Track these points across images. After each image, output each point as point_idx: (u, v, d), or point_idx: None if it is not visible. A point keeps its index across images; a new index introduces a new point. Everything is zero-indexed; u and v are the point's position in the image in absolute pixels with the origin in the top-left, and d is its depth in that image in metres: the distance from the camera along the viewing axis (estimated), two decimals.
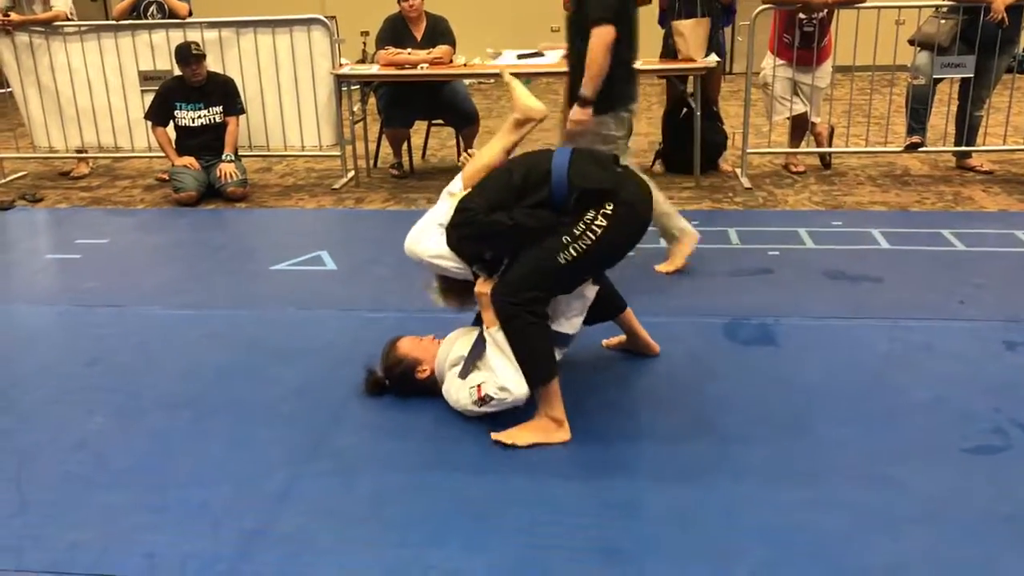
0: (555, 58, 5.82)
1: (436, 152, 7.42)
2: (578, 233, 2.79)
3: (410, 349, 3.18)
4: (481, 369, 2.95)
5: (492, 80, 10.80)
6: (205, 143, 6.19)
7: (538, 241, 2.83)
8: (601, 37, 3.81)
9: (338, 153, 6.57)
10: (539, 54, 5.92)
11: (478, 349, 2.96)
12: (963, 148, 6.34)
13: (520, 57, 5.98)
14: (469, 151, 3.25)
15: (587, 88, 3.92)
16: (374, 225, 5.55)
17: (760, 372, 3.37)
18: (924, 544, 2.39)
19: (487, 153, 3.09)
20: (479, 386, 2.90)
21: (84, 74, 6.61)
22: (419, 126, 6.97)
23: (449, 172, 6.72)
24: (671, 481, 2.68)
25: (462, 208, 2.93)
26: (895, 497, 2.59)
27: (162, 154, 6.34)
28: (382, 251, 4.93)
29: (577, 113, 3.98)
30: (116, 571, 2.35)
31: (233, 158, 6.19)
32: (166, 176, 6.40)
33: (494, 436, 2.87)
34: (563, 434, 2.89)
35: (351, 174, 6.53)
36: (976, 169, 6.32)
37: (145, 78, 6.57)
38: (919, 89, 6.16)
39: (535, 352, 2.87)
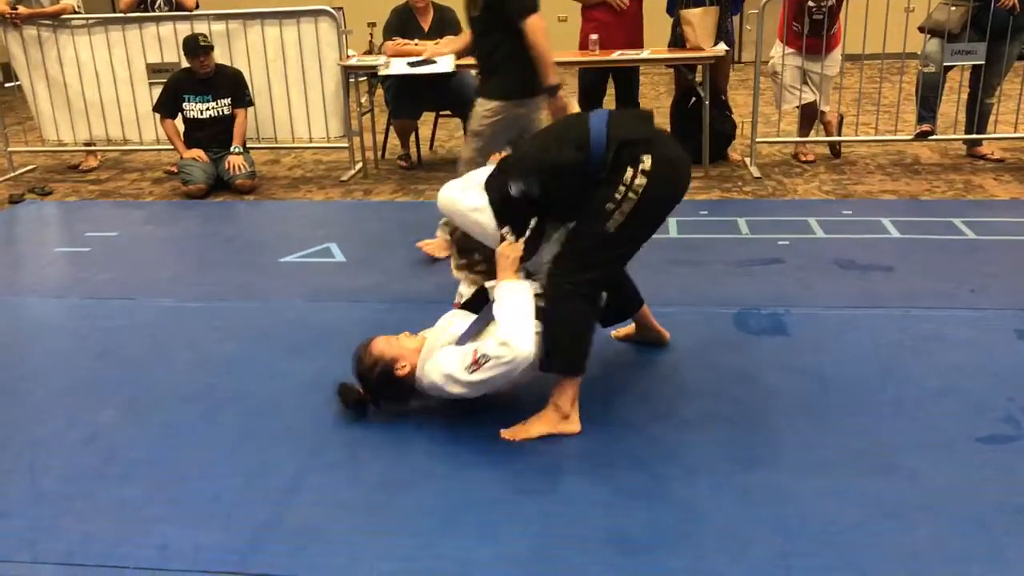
0: (447, 65, 5.81)
1: (444, 143, 7.41)
2: (620, 197, 2.70)
3: (385, 348, 2.95)
4: (482, 339, 2.83)
5: None
6: (213, 135, 6.20)
7: (581, 213, 2.80)
8: (536, 26, 4.13)
9: (346, 145, 6.57)
10: (431, 61, 5.89)
11: (480, 323, 2.86)
12: (974, 136, 6.30)
13: (411, 65, 5.92)
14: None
15: (551, 78, 4.20)
16: (382, 216, 5.55)
17: (770, 362, 3.36)
18: (934, 534, 2.38)
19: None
20: (475, 349, 2.75)
21: (92, 67, 6.62)
22: (427, 117, 6.97)
23: (456, 163, 6.73)
24: (683, 471, 2.67)
25: (504, 156, 2.99)
26: (906, 487, 2.58)
27: (171, 147, 6.35)
28: (391, 242, 4.94)
29: (559, 101, 4.24)
30: (129, 563, 2.37)
31: (242, 150, 6.19)
32: (175, 169, 6.41)
33: (503, 434, 2.85)
34: (573, 426, 2.88)
35: (359, 166, 6.53)
36: (987, 157, 6.28)
37: (153, 71, 6.58)
38: (929, 77, 6.12)
39: (577, 340, 2.81)
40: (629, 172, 2.72)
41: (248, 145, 6.37)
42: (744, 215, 5.17)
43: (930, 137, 6.25)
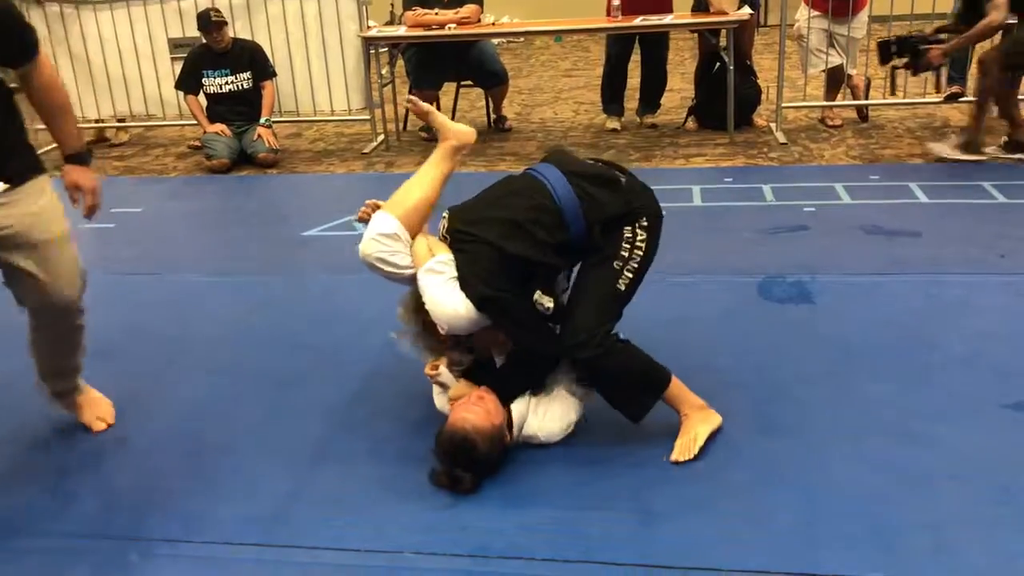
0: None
1: (466, 113, 7.37)
2: (627, 255, 2.61)
3: (477, 420, 2.53)
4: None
5: (521, 39, 10.71)
6: (235, 109, 6.20)
7: (586, 275, 2.66)
8: None
9: (367, 117, 6.55)
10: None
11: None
12: None
13: None
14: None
15: None
16: None
17: (795, 330, 3.33)
18: (960, 502, 2.36)
19: (421, 185, 2.76)
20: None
21: (115, 43, 6.63)
22: (448, 88, 6.93)
23: (479, 134, 6.69)
24: (706, 441, 2.66)
25: (489, 297, 2.54)
26: (931, 455, 2.56)
27: (194, 122, 6.36)
28: None
29: None
30: (154, 534, 2.40)
31: (270, 122, 6.20)
32: (198, 144, 6.43)
33: (677, 459, 2.60)
34: (716, 415, 2.72)
35: (381, 138, 6.52)
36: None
37: (175, 46, 6.57)
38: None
39: (643, 366, 2.65)
40: (628, 231, 2.64)
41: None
42: (769, 182, 5.11)
43: (960, 99, 6.12)
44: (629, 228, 2.64)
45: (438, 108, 6.75)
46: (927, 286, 3.63)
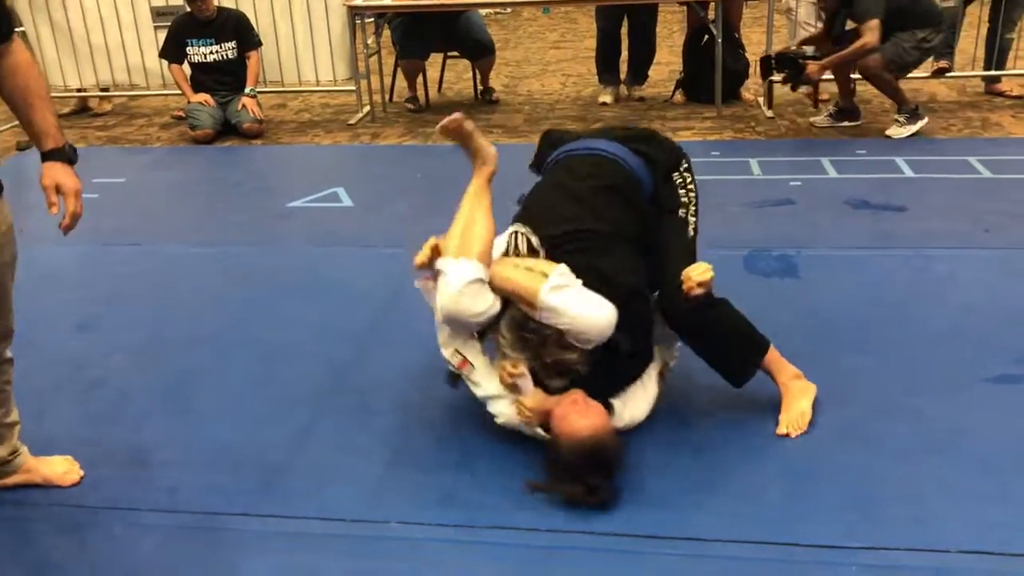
0: None
1: (453, 85, 7.32)
2: (687, 200, 2.65)
3: (601, 422, 2.37)
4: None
5: (509, 10, 10.63)
6: (219, 79, 6.14)
7: (661, 233, 2.61)
8: None
9: (353, 88, 6.49)
10: None
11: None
12: (992, 73, 6.18)
13: None
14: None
15: None
16: (391, 161, 5.51)
17: (781, 303, 3.34)
18: (941, 474, 2.38)
19: (480, 218, 2.52)
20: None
21: (96, 11, 6.53)
22: (435, 59, 6.88)
23: (465, 106, 6.68)
24: (692, 415, 2.67)
25: (638, 289, 2.45)
26: (914, 427, 2.58)
27: (178, 91, 6.29)
28: (399, 187, 4.91)
29: None
30: (139, 505, 2.40)
31: (255, 93, 6.15)
32: (182, 114, 6.36)
33: (791, 434, 2.56)
34: (812, 385, 2.68)
35: (366, 109, 6.47)
36: (1005, 94, 6.16)
37: (157, 14, 6.49)
38: (948, 11, 5.97)
39: (745, 324, 2.60)
40: (677, 176, 2.68)
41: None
42: (756, 156, 5.11)
43: (947, 74, 6.13)
44: (677, 174, 2.68)
45: (424, 79, 6.71)
46: (912, 260, 3.65)
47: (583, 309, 2.31)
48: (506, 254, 2.54)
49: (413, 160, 5.43)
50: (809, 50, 5.48)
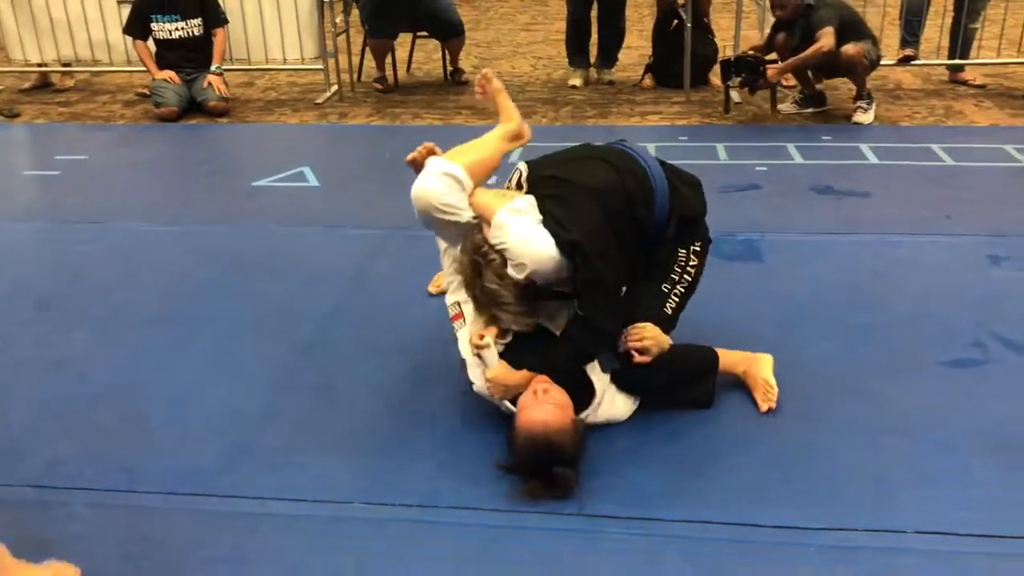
0: None
1: (422, 66, 7.27)
2: (676, 278, 2.61)
3: (556, 418, 2.32)
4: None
5: None
6: (185, 56, 6.05)
7: (634, 289, 2.61)
8: None
9: (321, 67, 6.43)
10: None
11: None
12: (956, 62, 6.24)
13: None
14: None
15: None
16: (358, 141, 5.47)
17: (745, 287, 3.36)
18: (901, 456, 2.41)
19: (484, 146, 2.65)
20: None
21: None
22: (404, 39, 6.82)
23: (435, 87, 6.64)
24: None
25: (579, 243, 2.36)
26: (875, 410, 2.61)
27: (142, 68, 6.19)
28: (366, 167, 4.87)
29: None
30: (98, 484, 2.37)
31: (221, 70, 6.06)
32: (147, 91, 6.26)
33: (765, 410, 2.60)
34: (766, 356, 2.73)
35: (334, 88, 6.41)
36: (969, 83, 6.23)
37: None
38: (914, 0, 6.02)
39: (688, 357, 2.62)
40: (683, 252, 2.62)
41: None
42: (723, 140, 5.13)
43: (912, 62, 6.18)
44: (684, 250, 2.62)
45: (393, 59, 6.66)
46: (875, 246, 3.68)
47: (525, 234, 2.33)
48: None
49: (381, 140, 5.39)
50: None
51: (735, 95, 5.90)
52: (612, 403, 2.54)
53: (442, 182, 2.44)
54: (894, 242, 3.71)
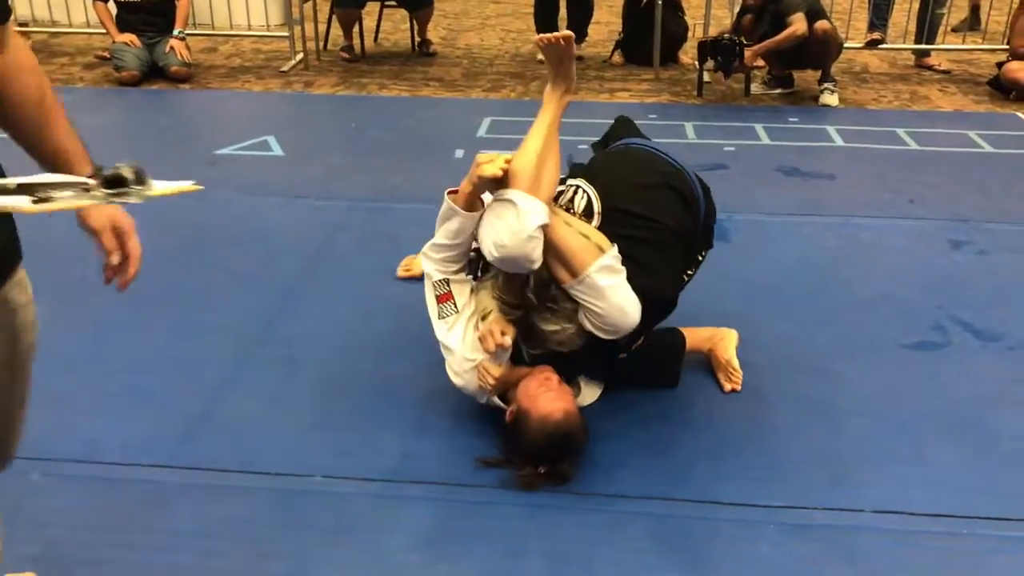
0: None
1: (389, 35, 7.19)
2: (693, 272, 2.58)
3: (571, 405, 2.30)
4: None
5: None
6: (146, 19, 5.91)
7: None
8: None
9: (286, 34, 6.32)
10: None
11: None
12: (923, 47, 6.29)
13: None
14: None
15: None
16: (323, 110, 5.40)
17: (709, 267, 3.33)
18: (858, 436, 2.45)
19: (551, 156, 2.28)
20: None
21: None
22: (371, 8, 6.73)
23: (402, 57, 6.56)
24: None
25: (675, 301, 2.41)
26: (835, 391, 2.64)
27: (102, 30, 6.05)
28: (331, 137, 4.82)
29: None
30: (58, 454, 2.33)
31: (184, 35, 5.94)
32: (107, 54, 6.13)
33: (730, 390, 2.62)
34: (730, 332, 2.73)
35: (300, 56, 6.31)
36: (934, 68, 6.29)
37: None
38: None
39: (662, 346, 2.62)
40: (704, 254, 2.60)
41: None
42: (692, 120, 5.13)
43: (880, 46, 6.22)
44: (705, 252, 2.60)
45: (360, 28, 6.58)
46: (839, 227, 3.72)
47: (621, 302, 2.18)
48: (556, 200, 2.34)
49: (347, 110, 5.32)
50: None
51: (705, 74, 5.91)
52: (586, 390, 2.53)
53: (538, 238, 2.15)
54: (858, 224, 3.74)
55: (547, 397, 2.26)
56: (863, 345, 2.87)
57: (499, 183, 2.21)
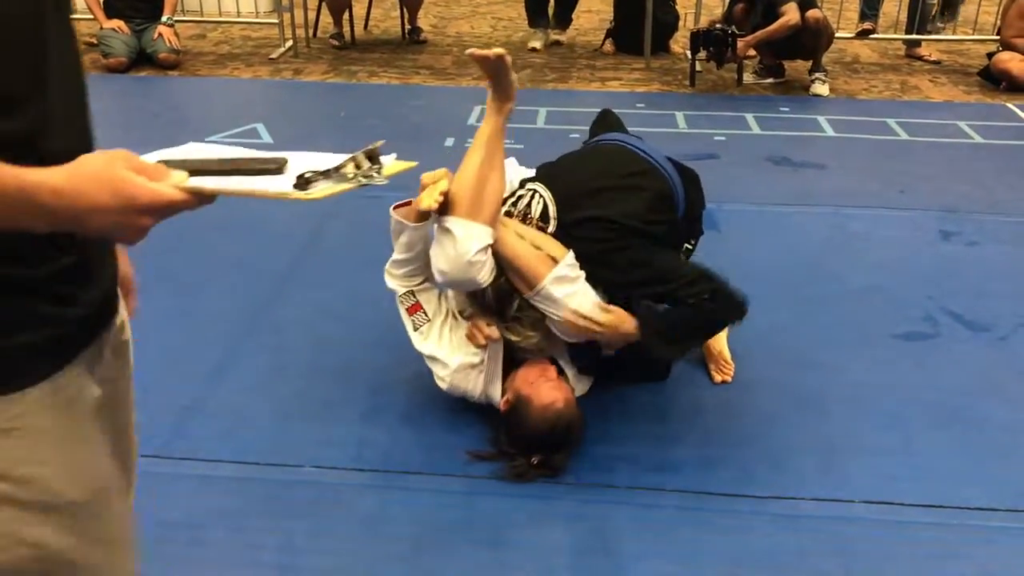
0: None
1: (379, 23, 7.15)
2: (690, 247, 2.56)
3: (570, 396, 2.32)
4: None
5: None
6: (134, 5, 5.87)
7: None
8: None
9: (276, 21, 6.29)
10: None
11: None
12: (913, 37, 6.29)
13: None
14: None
15: None
16: (313, 98, 5.37)
17: (700, 258, 3.35)
18: (848, 426, 2.45)
19: (494, 175, 2.22)
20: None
21: None
22: None
23: (392, 45, 6.53)
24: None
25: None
26: (825, 381, 2.64)
27: (90, 16, 6.00)
28: (321, 125, 4.79)
29: None
30: None
31: (172, 22, 5.90)
32: (94, 40, 6.07)
33: (721, 381, 2.61)
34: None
35: (289, 44, 6.28)
36: (924, 59, 6.29)
37: None
38: None
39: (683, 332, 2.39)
40: (693, 244, 2.57)
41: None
42: (682, 109, 5.13)
43: (871, 36, 6.22)
44: (688, 246, 2.56)
45: (350, 16, 6.54)
46: (830, 218, 3.72)
47: (578, 308, 2.17)
48: (510, 211, 2.33)
49: (336, 98, 5.30)
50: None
51: (699, 66, 5.90)
52: (576, 384, 2.48)
53: (480, 263, 2.13)
54: (848, 215, 3.75)
55: (548, 386, 2.26)
56: (853, 336, 2.87)
57: (441, 208, 2.17)
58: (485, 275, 2.15)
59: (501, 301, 2.24)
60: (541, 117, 4.92)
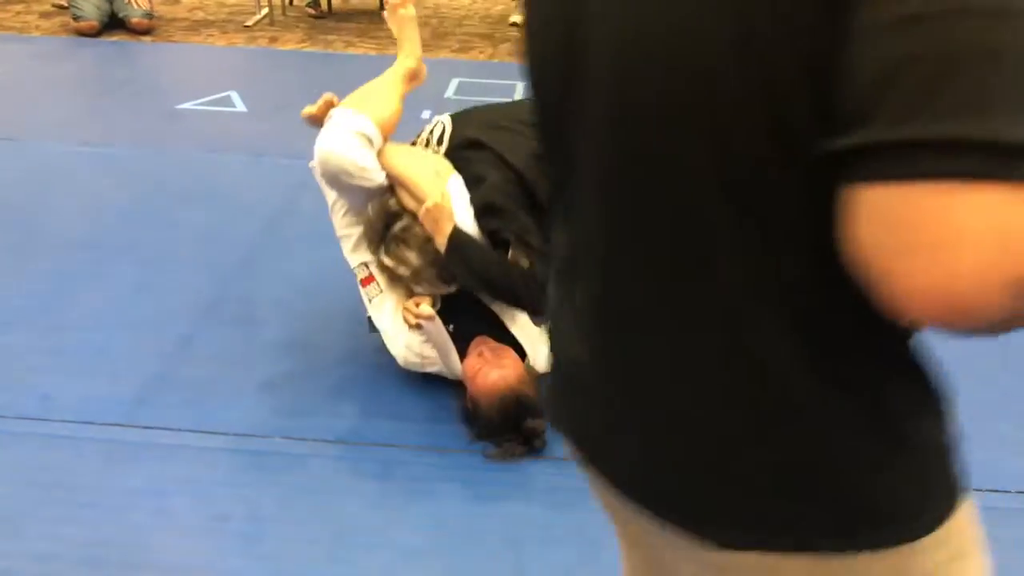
0: None
1: None
2: None
3: (515, 372, 2.27)
4: None
5: None
6: None
7: None
8: None
9: None
10: None
11: None
12: None
13: None
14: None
15: None
16: (288, 66, 5.31)
17: None
18: None
19: (389, 96, 2.36)
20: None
21: None
22: None
23: (369, 15, 6.46)
24: None
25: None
26: None
27: None
28: (296, 94, 4.71)
29: None
30: (8, 412, 2.30)
31: None
32: (64, 3, 5.97)
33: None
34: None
35: (265, 11, 6.20)
36: None
37: None
38: None
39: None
40: None
41: None
42: None
43: None
44: None
45: None
46: None
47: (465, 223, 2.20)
48: (414, 141, 2.44)
49: (312, 68, 5.24)
50: None
51: None
52: (532, 345, 2.45)
53: (355, 142, 2.18)
54: None
55: (483, 373, 2.25)
56: None
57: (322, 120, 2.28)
58: (360, 157, 2.17)
59: (386, 219, 2.27)
60: (519, 92, 4.90)
